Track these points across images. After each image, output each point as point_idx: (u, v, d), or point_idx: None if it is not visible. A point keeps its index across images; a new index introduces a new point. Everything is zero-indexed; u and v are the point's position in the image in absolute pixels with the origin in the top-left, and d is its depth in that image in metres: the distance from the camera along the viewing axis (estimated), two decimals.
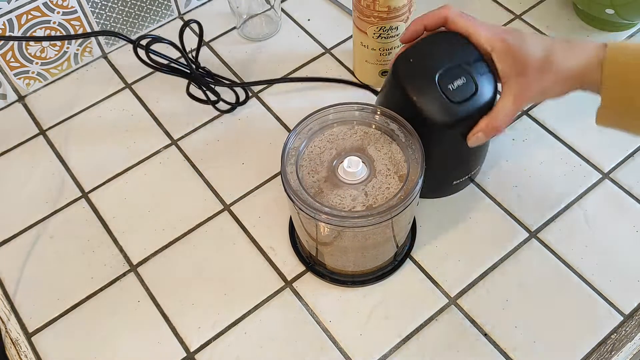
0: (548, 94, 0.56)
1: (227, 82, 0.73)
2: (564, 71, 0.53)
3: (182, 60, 0.68)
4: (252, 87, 0.76)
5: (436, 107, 0.55)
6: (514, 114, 0.55)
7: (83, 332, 0.60)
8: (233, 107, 0.73)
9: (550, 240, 0.63)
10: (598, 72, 0.52)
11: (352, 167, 0.53)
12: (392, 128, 0.56)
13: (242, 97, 0.74)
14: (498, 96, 0.56)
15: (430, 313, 0.59)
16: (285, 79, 0.76)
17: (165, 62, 0.67)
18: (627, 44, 0.53)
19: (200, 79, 0.69)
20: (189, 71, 0.68)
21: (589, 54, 0.53)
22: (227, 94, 0.73)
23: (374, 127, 0.57)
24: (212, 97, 0.71)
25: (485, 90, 0.55)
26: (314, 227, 0.55)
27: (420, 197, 0.67)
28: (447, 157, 0.61)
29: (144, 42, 0.63)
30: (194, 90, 0.72)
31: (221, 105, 0.73)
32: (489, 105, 0.56)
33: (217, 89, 0.71)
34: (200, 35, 0.68)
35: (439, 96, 0.55)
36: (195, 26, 0.80)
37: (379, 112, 0.57)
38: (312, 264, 0.62)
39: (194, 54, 0.70)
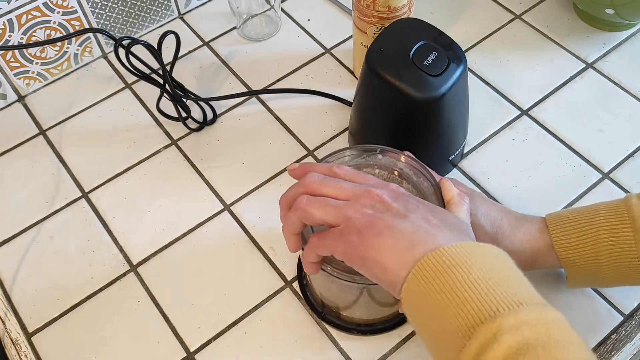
0: None
1: (198, 98, 0.71)
2: (510, 255, 0.51)
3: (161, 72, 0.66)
4: (252, 87, 0.76)
5: (419, 84, 0.57)
6: None
7: (83, 332, 0.60)
8: (201, 125, 0.72)
9: None
10: (550, 256, 0.52)
11: None
12: (401, 167, 0.54)
13: (210, 115, 0.73)
14: None
15: None
16: (265, 91, 0.75)
17: (143, 68, 0.66)
18: (563, 215, 0.53)
19: (170, 93, 0.67)
20: (162, 82, 0.67)
21: (533, 238, 0.52)
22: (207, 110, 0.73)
23: (377, 169, 0.54)
24: (183, 114, 0.70)
25: (456, 59, 0.58)
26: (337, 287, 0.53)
27: None
28: (439, 132, 0.62)
29: (125, 42, 0.62)
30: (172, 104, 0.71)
31: (191, 123, 0.72)
32: (464, 77, 0.58)
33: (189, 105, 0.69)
34: (177, 49, 0.66)
35: (419, 73, 0.57)
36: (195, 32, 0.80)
37: (378, 151, 0.54)
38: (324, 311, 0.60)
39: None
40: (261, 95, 0.75)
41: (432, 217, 0.43)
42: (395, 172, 0.53)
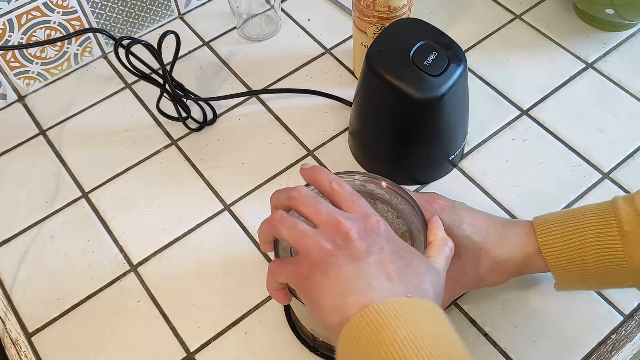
0: (485, 282, 0.53)
1: (198, 98, 0.71)
2: (501, 262, 0.51)
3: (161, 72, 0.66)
4: (252, 87, 0.76)
5: (419, 84, 0.57)
6: (448, 302, 0.52)
7: (83, 332, 0.59)
8: (201, 125, 0.72)
9: None
10: (540, 260, 0.51)
11: None
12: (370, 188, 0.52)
13: (210, 115, 0.73)
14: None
15: None
16: (265, 91, 0.75)
17: (143, 68, 0.65)
18: (550, 218, 0.52)
19: (171, 93, 0.67)
20: (162, 82, 0.67)
21: (522, 243, 0.51)
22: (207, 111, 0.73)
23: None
24: (183, 114, 0.70)
25: (456, 59, 0.58)
26: None
27: (422, 183, 0.67)
28: (439, 132, 0.62)
29: (125, 42, 0.62)
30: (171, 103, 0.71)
31: (191, 123, 0.72)
32: (464, 77, 0.58)
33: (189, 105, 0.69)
34: (177, 48, 0.66)
35: (419, 73, 0.57)
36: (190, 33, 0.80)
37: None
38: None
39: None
40: (261, 95, 0.75)
41: (391, 264, 0.41)
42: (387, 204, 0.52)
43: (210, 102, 0.73)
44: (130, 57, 0.63)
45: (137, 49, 0.64)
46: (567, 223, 0.51)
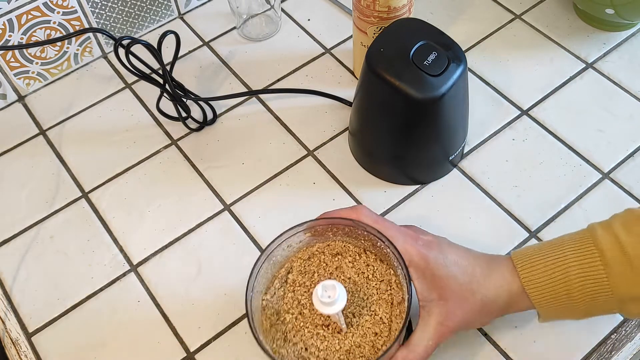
0: (472, 325, 0.52)
1: (198, 98, 0.71)
2: (488, 304, 0.50)
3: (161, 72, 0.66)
4: (252, 87, 0.76)
5: (419, 84, 0.57)
6: (434, 347, 0.50)
7: (83, 332, 0.60)
8: (201, 125, 0.72)
9: None
10: (524, 299, 0.50)
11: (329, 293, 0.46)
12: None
13: (210, 115, 0.73)
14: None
15: None
16: (265, 91, 0.75)
17: (143, 68, 0.65)
18: (529, 253, 0.51)
19: (171, 93, 0.67)
20: (162, 82, 0.67)
21: (507, 282, 0.50)
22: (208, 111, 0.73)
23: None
24: (183, 114, 0.70)
25: (456, 59, 0.58)
26: None
27: (422, 183, 0.67)
28: (439, 132, 0.62)
29: (125, 42, 0.62)
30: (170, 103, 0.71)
31: (191, 123, 0.72)
32: (464, 77, 0.58)
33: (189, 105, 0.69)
34: (177, 48, 0.66)
35: (419, 73, 0.57)
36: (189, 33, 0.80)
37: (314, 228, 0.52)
38: None
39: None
40: (261, 95, 0.75)
41: None
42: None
43: (210, 102, 0.73)
44: (130, 57, 0.63)
45: (137, 49, 0.64)
46: (548, 256, 0.49)
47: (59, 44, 0.75)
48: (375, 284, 0.51)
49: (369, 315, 0.50)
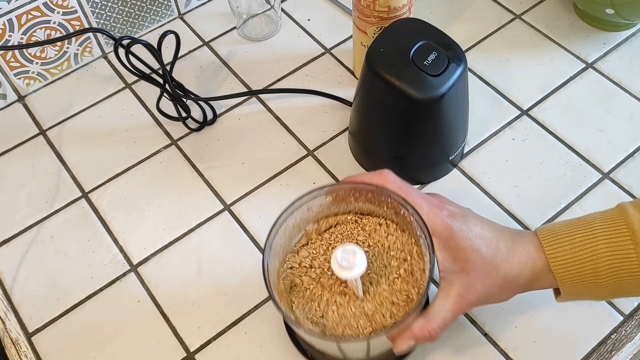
0: (492, 300, 0.51)
1: (198, 98, 0.71)
2: (510, 280, 0.49)
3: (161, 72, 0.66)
4: (252, 87, 0.76)
5: (419, 84, 0.57)
6: (453, 319, 0.49)
7: (83, 332, 0.60)
8: (201, 125, 0.72)
9: None
10: (548, 277, 0.49)
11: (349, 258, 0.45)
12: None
13: (210, 115, 0.73)
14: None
15: None
16: (265, 91, 0.75)
17: (143, 68, 0.65)
18: (555, 229, 0.49)
19: (171, 93, 0.67)
20: (162, 82, 0.67)
21: (532, 258, 0.49)
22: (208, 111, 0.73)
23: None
24: (183, 114, 0.70)
25: (456, 59, 0.58)
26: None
27: (422, 183, 0.67)
28: (439, 132, 0.62)
29: (125, 42, 0.62)
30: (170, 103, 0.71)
31: (191, 123, 0.72)
32: (464, 77, 0.58)
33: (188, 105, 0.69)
34: (177, 48, 0.66)
35: (419, 73, 0.57)
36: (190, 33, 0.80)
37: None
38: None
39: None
40: (261, 95, 0.75)
41: None
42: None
43: (210, 102, 0.73)
44: (130, 57, 0.63)
45: (137, 49, 0.64)
46: (576, 234, 0.48)
47: (59, 44, 0.75)
48: (395, 254, 0.51)
49: (387, 284, 0.49)
